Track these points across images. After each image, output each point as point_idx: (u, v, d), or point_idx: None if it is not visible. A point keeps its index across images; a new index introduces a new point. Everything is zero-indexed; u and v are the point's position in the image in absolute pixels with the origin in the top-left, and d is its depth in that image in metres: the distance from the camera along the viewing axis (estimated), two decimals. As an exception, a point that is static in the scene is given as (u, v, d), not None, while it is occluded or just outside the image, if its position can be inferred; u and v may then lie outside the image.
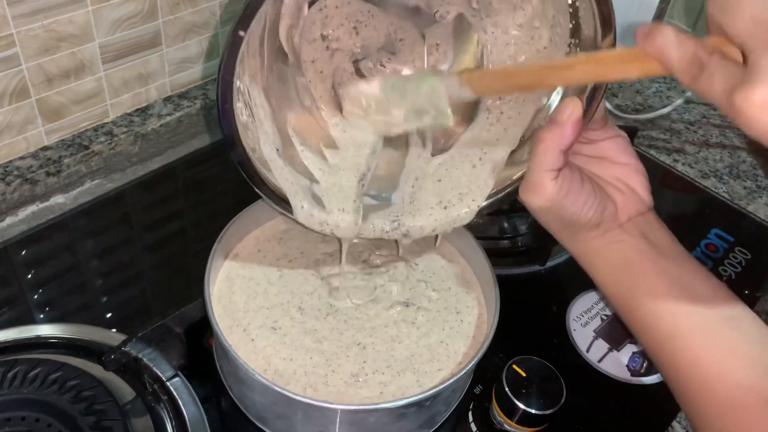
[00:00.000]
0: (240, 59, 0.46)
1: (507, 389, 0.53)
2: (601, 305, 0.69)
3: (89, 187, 0.77)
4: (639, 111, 0.97)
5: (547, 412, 0.52)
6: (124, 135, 0.78)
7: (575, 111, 0.40)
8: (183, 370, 0.57)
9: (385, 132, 0.54)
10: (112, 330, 0.61)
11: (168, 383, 0.56)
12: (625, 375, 0.64)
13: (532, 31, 0.52)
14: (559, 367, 0.55)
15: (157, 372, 0.56)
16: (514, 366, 0.54)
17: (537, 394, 0.53)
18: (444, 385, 0.50)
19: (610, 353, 0.65)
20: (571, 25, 0.49)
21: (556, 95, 0.54)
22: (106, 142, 0.76)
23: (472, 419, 0.58)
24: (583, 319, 0.68)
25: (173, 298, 0.66)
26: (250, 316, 0.57)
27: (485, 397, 0.58)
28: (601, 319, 0.68)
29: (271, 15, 0.50)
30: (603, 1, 0.45)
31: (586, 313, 0.69)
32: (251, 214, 0.62)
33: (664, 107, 0.95)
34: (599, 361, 0.64)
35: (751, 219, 0.83)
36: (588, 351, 0.65)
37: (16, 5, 0.63)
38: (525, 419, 0.53)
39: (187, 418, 0.54)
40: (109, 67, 0.74)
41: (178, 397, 0.55)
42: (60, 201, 0.75)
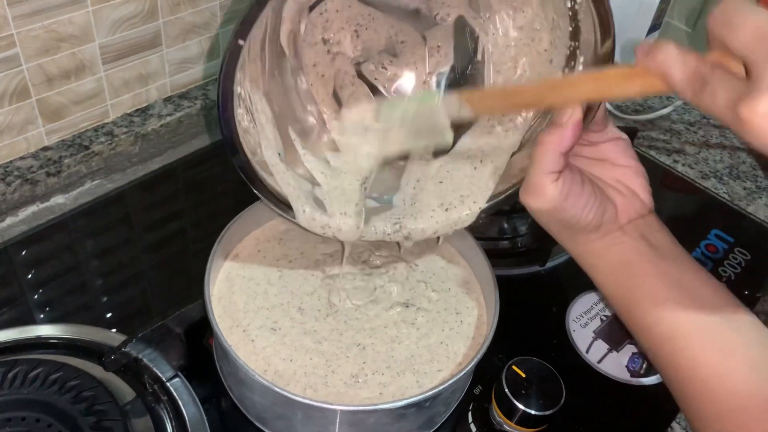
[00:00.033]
0: (240, 65, 0.46)
1: (507, 390, 0.53)
2: (600, 306, 0.69)
3: (89, 188, 0.77)
4: (639, 111, 0.97)
5: (546, 413, 0.52)
6: (124, 135, 0.78)
7: (575, 113, 0.40)
8: (183, 371, 0.57)
9: (383, 152, 0.53)
10: (112, 330, 0.61)
11: (168, 384, 0.56)
12: (624, 376, 0.64)
13: (533, 33, 0.53)
14: (559, 367, 0.55)
15: (157, 372, 0.56)
16: (514, 367, 0.54)
17: (536, 395, 0.53)
18: (444, 385, 0.51)
19: (610, 354, 0.65)
20: (570, 28, 0.49)
21: None
22: (107, 143, 0.77)
23: (471, 420, 0.58)
24: (582, 320, 0.68)
25: (173, 298, 0.66)
26: (250, 317, 0.57)
27: (485, 397, 0.58)
28: (601, 319, 0.68)
29: (272, 19, 0.50)
30: (601, 5, 0.45)
31: (586, 313, 0.69)
32: (251, 214, 0.62)
33: (664, 108, 0.95)
34: (599, 361, 0.64)
35: (750, 220, 0.83)
36: (588, 352, 0.65)
37: (16, 6, 0.63)
38: (524, 420, 0.53)
39: (187, 419, 0.54)
40: (109, 67, 0.75)
41: (178, 397, 0.55)
42: (60, 201, 0.75)
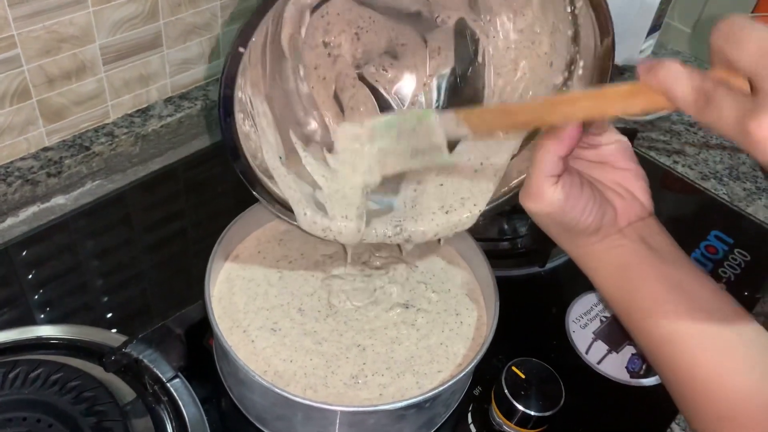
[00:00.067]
0: (242, 70, 0.46)
1: (506, 391, 0.53)
2: (600, 307, 0.69)
3: (90, 188, 0.77)
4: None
5: (546, 414, 0.52)
6: (124, 136, 0.78)
7: None
8: (183, 371, 0.57)
9: (379, 173, 0.53)
10: (112, 330, 0.61)
11: (168, 384, 0.56)
12: (624, 376, 0.64)
13: (533, 36, 0.53)
14: (559, 368, 0.55)
15: (158, 373, 0.56)
16: (514, 368, 0.54)
17: (536, 396, 0.53)
18: (443, 386, 0.51)
19: (610, 355, 0.65)
20: (570, 32, 0.49)
21: None
22: (107, 143, 0.77)
23: (471, 421, 0.58)
24: (582, 321, 0.68)
25: (174, 299, 0.67)
26: (250, 318, 0.57)
27: (485, 398, 0.58)
28: (601, 320, 0.68)
29: (273, 23, 0.50)
30: (600, 10, 0.45)
31: (586, 314, 0.69)
32: (252, 215, 0.62)
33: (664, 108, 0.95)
34: (598, 362, 0.64)
35: (750, 221, 0.83)
36: (587, 353, 0.65)
37: (17, 7, 0.63)
38: (524, 421, 0.53)
39: (187, 419, 0.54)
40: (110, 68, 0.75)
41: (178, 398, 0.55)
42: (61, 202, 0.75)
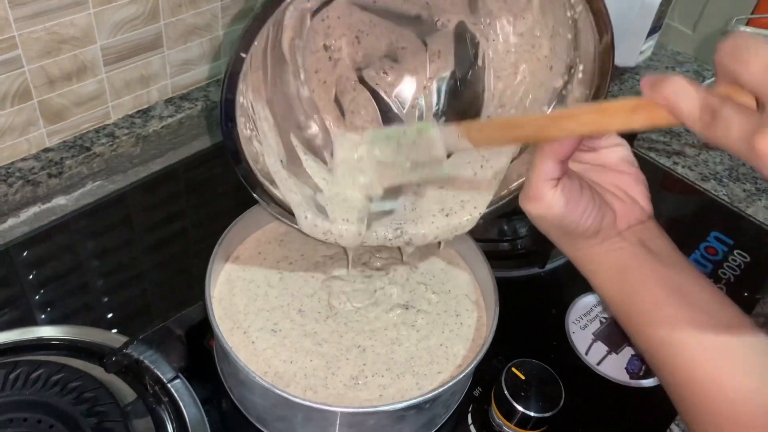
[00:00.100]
0: (243, 75, 0.47)
1: (506, 392, 0.53)
2: (600, 308, 0.70)
3: (91, 189, 0.78)
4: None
5: (546, 415, 0.52)
6: (125, 136, 0.78)
7: None
8: (184, 372, 0.57)
9: (377, 187, 0.53)
10: (113, 331, 0.61)
11: (169, 385, 0.56)
12: (624, 378, 0.64)
13: (533, 40, 0.53)
14: (558, 369, 0.55)
15: (158, 374, 0.56)
16: (514, 369, 0.54)
17: (536, 397, 0.53)
18: (443, 387, 0.51)
19: (609, 356, 0.65)
20: (570, 36, 0.49)
21: (555, 108, 0.54)
22: (108, 144, 0.77)
23: (471, 421, 0.58)
24: (582, 322, 0.68)
25: (174, 299, 0.67)
26: (251, 319, 0.57)
27: (484, 399, 0.58)
28: (600, 321, 0.68)
29: (274, 27, 0.50)
30: (600, 15, 0.45)
31: (585, 315, 0.69)
32: (252, 216, 0.62)
33: (664, 110, 0.95)
34: (598, 363, 0.65)
35: (750, 222, 0.83)
36: (587, 354, 0.65)
37: (18, 8, 0.63)
38: (524, 422, 0.53)
39: (187, 420, 0.54)
40: (110, 69, 0.75)
41: (179, 398, 0.55)
42: (61, 202, 0.76)
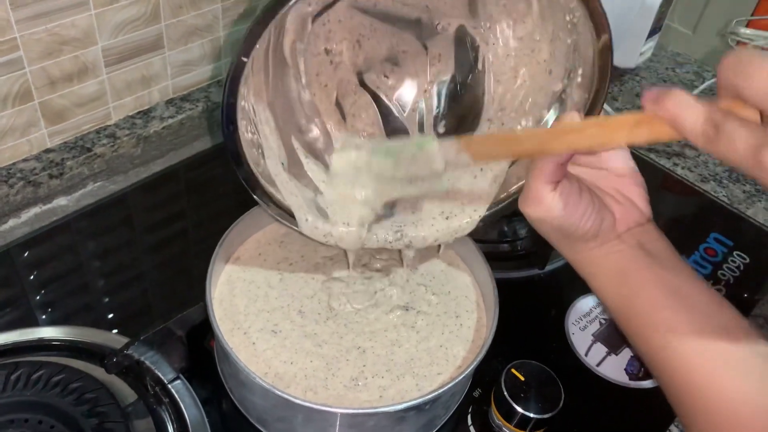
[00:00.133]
0: (245, 79, 0.47)
1: (506, 393, 0.53)
2: (599, 309, 0.70)
3: (91, 189, 0.78)
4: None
5: (545, 416, 0.52)
6: (126, 137, 0.78)
7: None
8: (184, 373, 0.57)
9: (376, 201, 0.53)
10: (113, 332, 0.61)
11: (169, 386, 0.56)
12: (623, 379, 0.64)
13: (533, 44, 0.53)
14: (558, 370, 0.55)
15: (159, 374, 0.56)
16: (513, 370, 0.54)
17: (535, 398, 0.53)
18: (443, 389, 0.51)
19: (609, 357, 0.65)
20: (569, 41, 0.50)
21: (554, 112, 0.54)
22: (109, 145, 0.77)
23: (471, 423, 0.59)
24: (581, 323, 0.68)
25: (175, 299, 0.67)
26: (251, 320, 0.57)
27: (484, 400, 0.59)
28: (600, 323, 0.68)
29: (275, 31, 0.50)
30: (596, 14, 0.45)
31: (585, 316, 0.69)
32: (252, 217, 0.62)
33: (664, 111, 0.95)
34: (598, 364, 0.65)
35: (750, 223, 0.83)
36: (586, 355, 0.65)
37: (19, 9, 0.63)
38: (523, 423, 0.53)
39: (188, 421, 0.55)
40: (111, 69, 0.75)
41: (179, 399, 0.55)
42: (62, 203, 0.76)
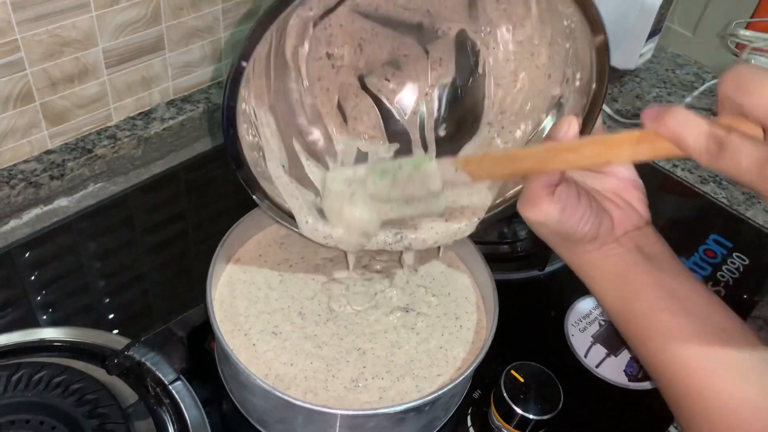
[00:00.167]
0: (245, 82, 0.47)
1: (505, 394, 0.53)
2: (599, 311, 0.70)
3: (92, 191, 0.78)
4: (639, 116, 0.97)
5: (545, 417, 0.52)
6: (127, 138, 0.78)
7: (572, 128, 0.41)
8: (185, 374, 0.57)
9: (373, 222, 0.53)
10: (114, 333, 0.61)
11: (170, 387, 0.56)
12: (622, 380, 0.64)
13: (532, 48, 0.53)
14: (557, 372, 0.55)
15: (160, 375, 0.56)
16: (513, 371, 0.55)
17: (535, 399, 0.53)
18: (443, 390, 0.51)
19: (608, 358, 0.66)
20: (568, 45, 0.50)
21: (551, 118, 0.54)
22: (110, 146, 0.77)
23: (470, 424, 0.59)
24: (581, 325, 0.68)
25: (175, 301, 0.67)
26: (251, 321, 0.57)
27: (484, 402, 0.59)
28: (599, 324, 0.68)
29: (277, 35, 0.51)
30: (590, 13, 0.45)
31: (585, 318, 0.69)
32: (253, 218, 0.62)
33: (664, 112, 0.95)
34: (597, 366, 0.65)
35: (749, 225, 0.83)
36: (586, 356, 0.66)
37: (21, 11, 0.64)
38: (523, 424, 0.53)
39: (188, 421, 0.55)
40: (112, 71, 0.75)
41: (180, 400, 0.56)
42: (63, 204, 0.76)
